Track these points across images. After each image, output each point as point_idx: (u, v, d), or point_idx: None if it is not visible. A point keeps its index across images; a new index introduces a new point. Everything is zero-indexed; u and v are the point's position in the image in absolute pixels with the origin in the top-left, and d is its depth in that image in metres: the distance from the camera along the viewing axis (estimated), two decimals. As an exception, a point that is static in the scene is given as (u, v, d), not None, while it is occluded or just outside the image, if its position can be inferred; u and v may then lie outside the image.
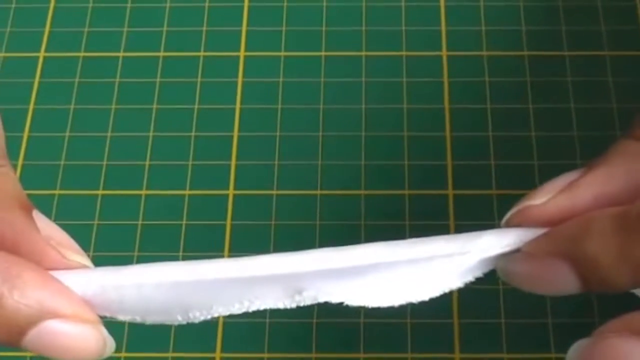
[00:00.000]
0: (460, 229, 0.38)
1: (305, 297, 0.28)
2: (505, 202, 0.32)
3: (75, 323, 0.27)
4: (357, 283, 0.28)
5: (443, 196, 0.40)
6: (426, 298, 0.29)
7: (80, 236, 0.39)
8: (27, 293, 0.27)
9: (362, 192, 0.40)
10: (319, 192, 0.40)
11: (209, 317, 0.28)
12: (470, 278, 0.29)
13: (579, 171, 0.29)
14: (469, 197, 0.40)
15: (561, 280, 0.29)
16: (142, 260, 0.39)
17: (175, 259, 0.39)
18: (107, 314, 0.28)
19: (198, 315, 0.28)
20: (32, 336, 0.27)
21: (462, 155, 0.41)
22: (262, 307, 0.28)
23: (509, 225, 0.29)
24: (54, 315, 0.27)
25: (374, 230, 0.39)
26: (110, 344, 0.28)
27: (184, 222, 0.40)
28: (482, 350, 0.37)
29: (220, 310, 0.28)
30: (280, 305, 0.28)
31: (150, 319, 0.28)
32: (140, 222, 0.40)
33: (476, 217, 0.39)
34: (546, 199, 0.29)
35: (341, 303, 0.28)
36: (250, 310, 0.27)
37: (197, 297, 0.28)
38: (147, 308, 0.28)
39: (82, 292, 0.28)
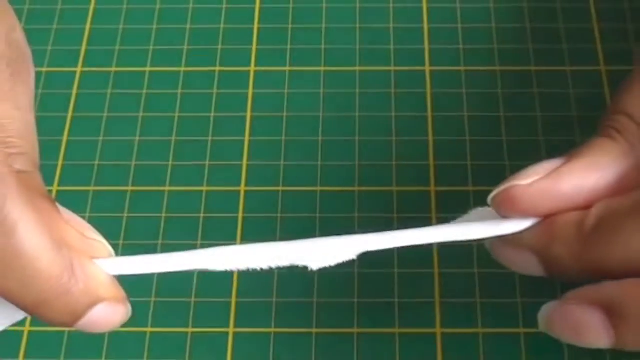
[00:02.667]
0: (441, 221, 0.38)
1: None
2: (481, 197, 0.32)
3: (115, 304, 0.28)
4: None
5: (426, 192, 0.40)
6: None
7: (112, 226, 0.39)
8: (90, 284, 0.27)
9: (356, 188, 0.40)
10: (318, 188, 0.40)
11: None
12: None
13: (560, 160, 0.29)
14: (448, 193, 0.40)
15: (530, 267, 0.29)
16: (165, 246, 0.39)
17: (193, 246, 0.39)
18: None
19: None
20: (86, 318, 0.27)
21: (443, 157, 0.41)
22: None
23: (495, 201, 0.29)
24: (104, 299, 0.28)
25: (366, 222, 0.39)
26: (130, 312, 0.29)
27: (202, 214, 0.40)
28: (460, 325, 0.37)
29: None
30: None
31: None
32: (163, 215, 0.40)
33: (454, 211, 0.39)
34: (531, 180, 0.29)
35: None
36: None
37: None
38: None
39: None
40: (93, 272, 0.28)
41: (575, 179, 0.28)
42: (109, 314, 0.28)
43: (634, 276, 0.28)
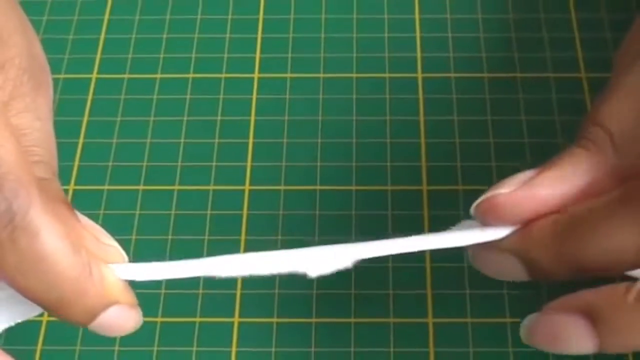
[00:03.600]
0: (433, 218, 0.39)
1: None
2: (469, 196, 0.32)
3: (128, 309, 0.28)
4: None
5: (418, 191, 0.40)
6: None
7: (125, 223, 0.40)
8: (105, 285, 0.27)
9: (353, 187, 0.40)
10: (318, 187, 0.40)
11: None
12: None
13: (536, 170, 0.29)
14: (439, 192, 0.40)
15: (513, 272, 0.29)
16: (175, 242, 0.39)
17: (201, 242, 0.39)
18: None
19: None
20: (100, 319, 0.27)
21: (434, 158, 0.41)
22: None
23: (478, 208, 0.29)
24: (117, 302, 0.28)
25: (363, 219, 0.39)
26: (141, 320, 0.29)
27: (209, 212, 0.40)
28: (451, 315, 0.37)
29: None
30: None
31: None
32: (173, 212, 0.40)
33: (445, 208, 0.39)
34: (511, 189, 0.29)
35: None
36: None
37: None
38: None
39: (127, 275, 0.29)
40: (108, 275, 0.28)
41: (551, 187, 0.29)
42: (121, 317, 0.28)
43: (613, 271, 0.28)
